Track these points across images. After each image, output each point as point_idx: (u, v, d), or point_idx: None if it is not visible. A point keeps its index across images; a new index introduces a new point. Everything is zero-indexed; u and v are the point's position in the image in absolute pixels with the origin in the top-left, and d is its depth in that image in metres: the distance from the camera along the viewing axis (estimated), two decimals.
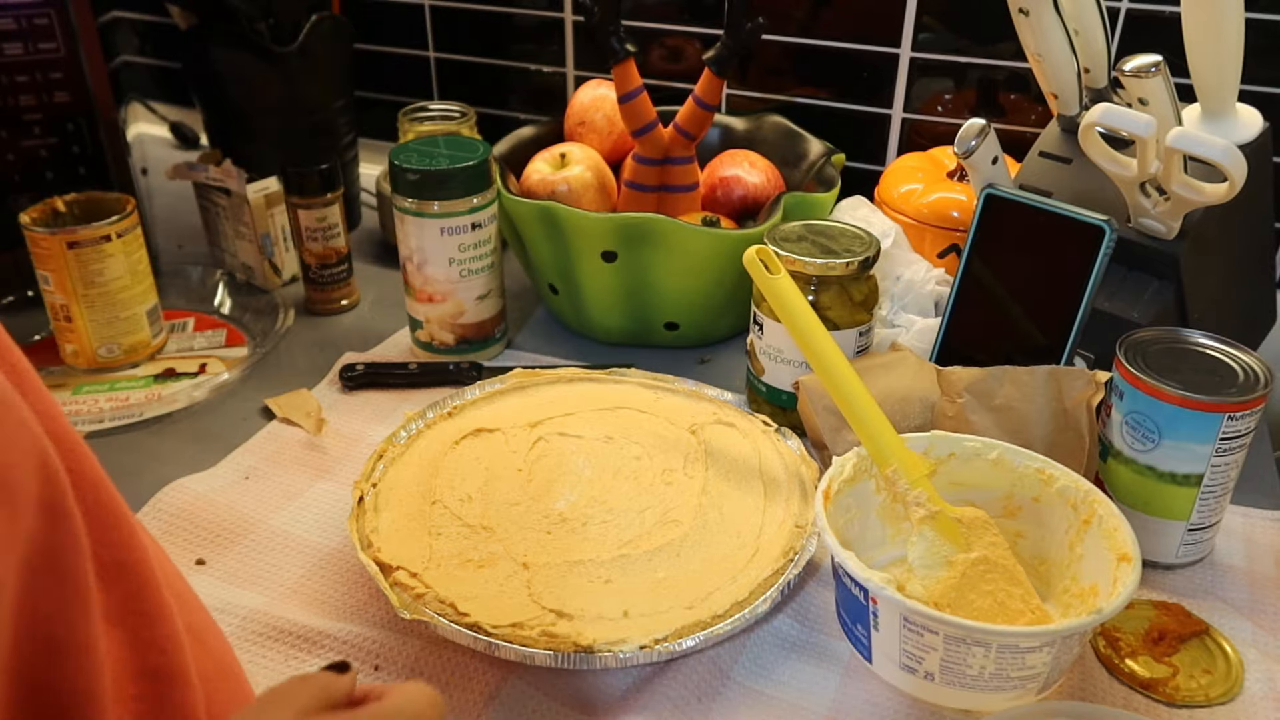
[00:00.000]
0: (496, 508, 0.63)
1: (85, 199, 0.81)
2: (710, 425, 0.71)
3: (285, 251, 0.96)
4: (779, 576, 0.58)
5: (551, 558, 0.59)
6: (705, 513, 0.63)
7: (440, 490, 0.64)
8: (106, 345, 0.81)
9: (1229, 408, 0.57)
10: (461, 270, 0.80)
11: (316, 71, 0.98)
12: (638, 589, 0.57)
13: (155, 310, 0.84)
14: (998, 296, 0.71)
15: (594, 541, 0.60)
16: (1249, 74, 0.68)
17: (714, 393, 0.76)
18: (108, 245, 0.78)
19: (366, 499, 0.63)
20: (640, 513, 0.62)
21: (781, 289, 0.60)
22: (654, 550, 0.59)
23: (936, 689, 0.51)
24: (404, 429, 0.70)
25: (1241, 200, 0.64)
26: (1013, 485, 0.59)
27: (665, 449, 0.68)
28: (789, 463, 0.68)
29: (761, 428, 0.71)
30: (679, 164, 0.87)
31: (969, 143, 0.72)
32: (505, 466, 0.66)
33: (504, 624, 0.54)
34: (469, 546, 0.59)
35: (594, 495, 0.64)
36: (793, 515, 0.63)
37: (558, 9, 1.09)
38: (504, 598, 0.56)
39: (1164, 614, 0.59)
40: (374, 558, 0.58)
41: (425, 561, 0.58)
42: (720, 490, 0.65)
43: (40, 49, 0.83)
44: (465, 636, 0.53)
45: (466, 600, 0.55)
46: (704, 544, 0.60)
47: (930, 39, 0.96)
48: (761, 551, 0.60)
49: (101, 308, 0.79)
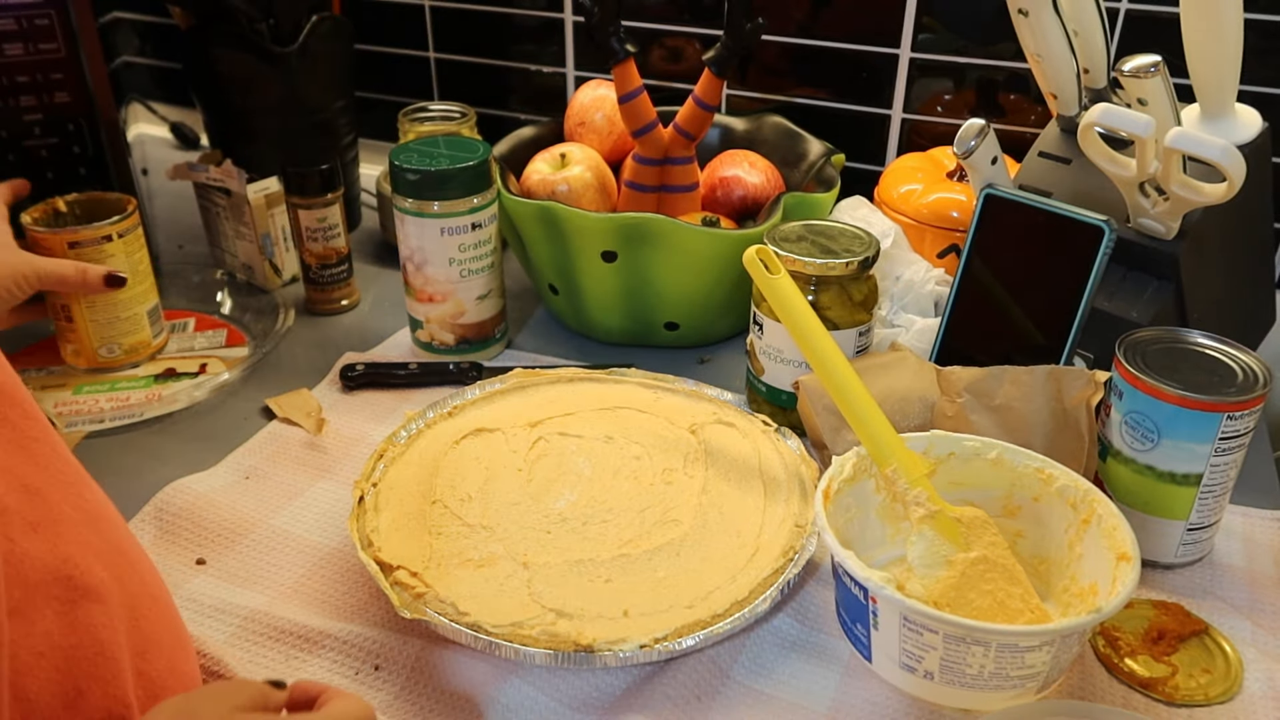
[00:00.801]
0: (496, 507, 0.63)
1: (86, 199, 0.81)
2: (710, 425, 0.71)
3: (285, 251, 0.96)
4: (779, 576, 0.58)
5: (552, 557, 0.59)
6: (705, 512, 0.63)
7: (440, 490, 0.64)
8: (107, 345, 0.80)
9: (1228, 407, 0.57)
10: (461, 270, 0.80)
11: (316, 71, 0.99)
12: (638, 588, 0.57)
13: (156, 310, 0.83)
14: (997, 296, 0.71)
15: (594, 541, 0.60)
16: (1248, 74, 0.68)
17: (714, 393, 0.76)
18: (109, 245, 0.77)
19: (367, 498, 0.63)
20: (640, 512, 0.63)
21: (781, 289, 0.60)
22: (654, 550, 0.60)
23: (936, 688, 0.51)
24: (404, 429, 0.70)
25: (1241, 200, 0.64)
26: (1012, 485, 0.60)
27: (665, 449, 0.68)
28: (789, 462, 0.68)
29: (761, 427, 0.71)
30: (679, 164, 0.87)
31: (968, 143, 0.72)
32: (505, 466, 0.66)
33: (504, 623, 0.54)
34: (469, 546, 0.60)
35: (594, 495, 0.64)
36: (793, 515, 0.63)
37: (558, 9, 1.09)
38: (504, 597, 0.56)
39: (1163, 613, 0.59)
40: (374, 557, 0.58)
41: (425, 561, 0.58)
42: (720, 490, 0.65)
43: (40, 49, 0.83)
44: (466, 636, 0.54)
45: (467, 600, 0.55)
46: (704, 543, 0.61)
47: (930, 39, 0.96)
48: (761, 551, 0.60)
49: (102, 307, 0.79)
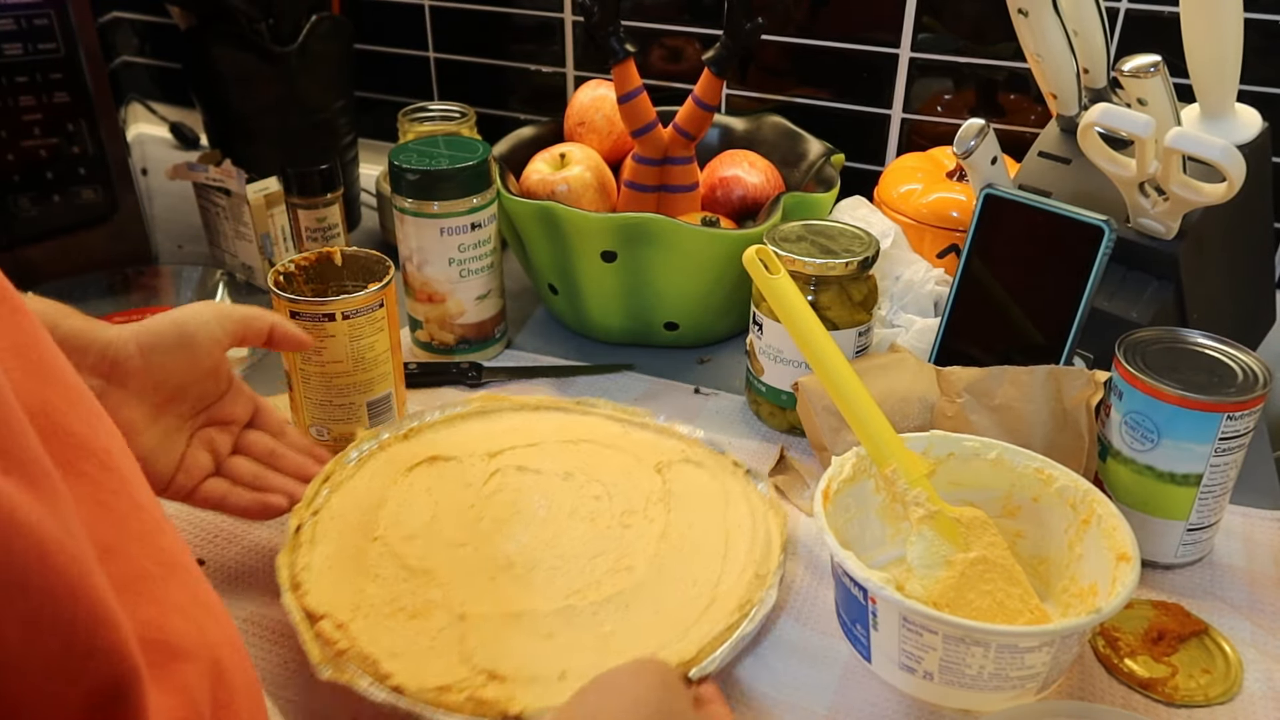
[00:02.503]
0: (440, 548, 0.59)
1: (353, 255, 0.71)
2: (677, 464, 0.67)
3: (285, 252, 0.95)
4: (732, 632, 0.54)
5: (492, 608, 0.55)
6: (662, 559, 0.59)
7: (384, 524, 0.60)
8: (317, 426, 0.71)
9: (1228, 407, 0.57)
10: (461, 270, 0.80)
11: (316, 71, 0.99)
12: (580, 645, 0.53)
13: (386, 402, 0.71)
14: (997, 296, 0.71)
15: (539, 590, 0.56)
16: (1248, 74, 0.68)
17: (685, 430, 0.71)
18: (330, 325, 0.66)
19: (304, 528, 0.59)
20: (593, 559, 0.59)
21: (781, 289, 0.60)
22: (602, 601, 0.56)
23: (935, 688, 0.51)
24: (356, 449, 0.66)
25: (1240, 200, 0.64)
26: (1012, 485, 0.60)
27: (627, 489, 0.64)
28: (756, 507, 0.63)
29: (731, 468, 0.67)
30: (678, 164, 0.87)
31: (968, 143, 0.72)
32: (456, 501, 0.62)
33: (429, 686, 0.49)
34: (405, 592, 0.55)
35: (546, 538, 0.60)
36: (754, 563, 0.58)
37: (558, 9, 1.09)
38: (434, 654, 0.52)
39: (1163, 614, 0.59)
40: (300, 603, 0.54)
41: (354, 609, 0.54)
42: (680, 535, 0.61)
43: (40, 49, 0.83)
44: (385, 701, 0.49)
45: (392, 657, 0.51)
46: (657, 593, 0.56)
47: (930, 39, 0.96)
48: (717, 603, 0.56)
49: (316, 386, 0.69)
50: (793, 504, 0.68)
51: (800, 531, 0.65)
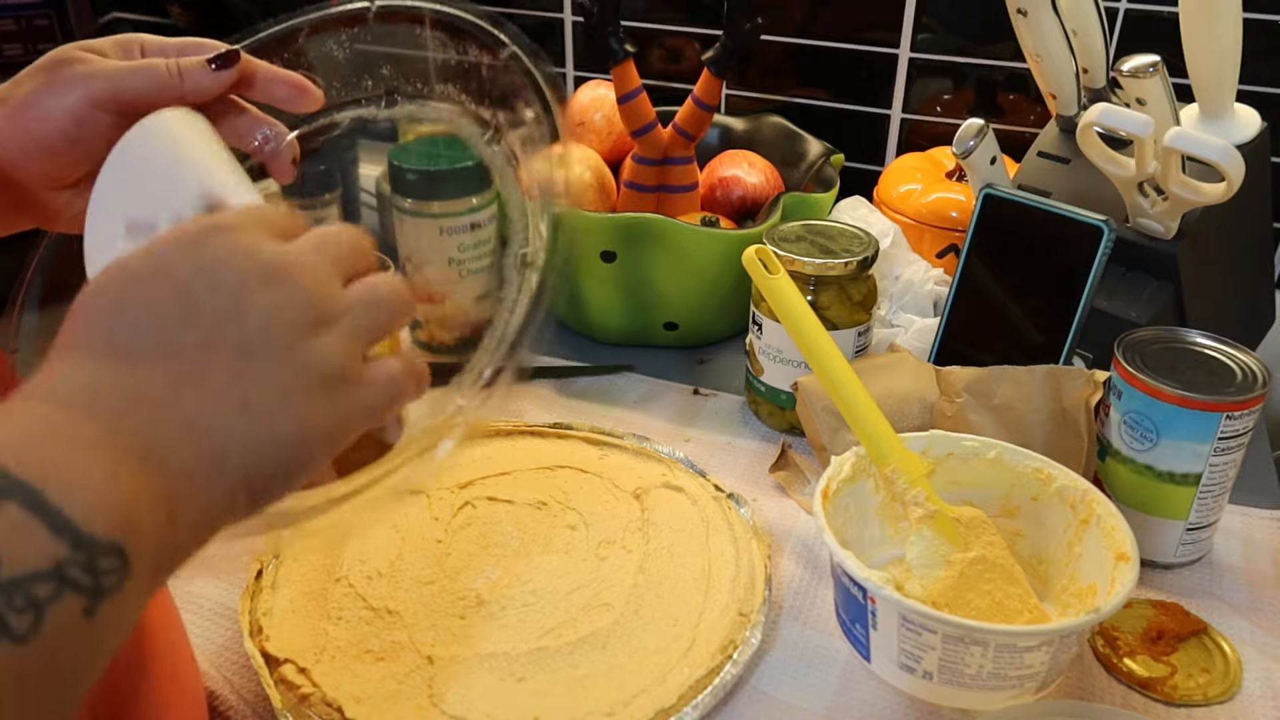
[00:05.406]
0: (407, 587, 0.57)
1: None
2: (657, 489, 0.65)
3: None
4: (714, 677, 0.52)
5: (460, 649, 0.53)
6: (640, 595, 0.56)
7: (348, 563, 0.58)
8: None
9: (1227, 407, 0.57)
10: (461, 270, 0.80)
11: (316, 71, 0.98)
12: (553, 689, 0.51)
13: None
14: (996, 296, 0.71)
15: (511, 630, 0.54)
16: (1247, 74, 0.68)
17: (665, 450, 0.69)
18: None
19: (265, 572, 0.58)
20: (567, 594, 0.56)
21: (780, 289, 0.60)
22: (578, 641, 0.53)
23: (935, 688, 0.51)
24: None
25: (1240, 200, 0.64)
26: (1011, 485, 0.60)
27: (603, 518, 0.62)
28: (739, 535, 0.61)
29: (713, 493, 0.65)
30: (678, 164, 0.87)
31: (967, 143, 0.72)
32: (424, 537, 0.61)
33: None
34: (370, 634, 0.53)
35: (518, 573, 0.58)
36: (737, 601, 0.56)
37: (558, 9, 1.09)
38: (400, 700, 0.50)
39: (1162, 613, 0.59)
40: (261, 647, 0.52)
41: (318, 653, 0.52)
42: (659, 568, 0.59)
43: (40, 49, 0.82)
44: None
45: (356, 702, 0.49)
46: (635, 633, 0.54)
47: (929, 39, 0.96)
48: (698, 644, 0.53)
49: None
50: (793, 498, 0.68)
51: (799, 530, 0.65)
